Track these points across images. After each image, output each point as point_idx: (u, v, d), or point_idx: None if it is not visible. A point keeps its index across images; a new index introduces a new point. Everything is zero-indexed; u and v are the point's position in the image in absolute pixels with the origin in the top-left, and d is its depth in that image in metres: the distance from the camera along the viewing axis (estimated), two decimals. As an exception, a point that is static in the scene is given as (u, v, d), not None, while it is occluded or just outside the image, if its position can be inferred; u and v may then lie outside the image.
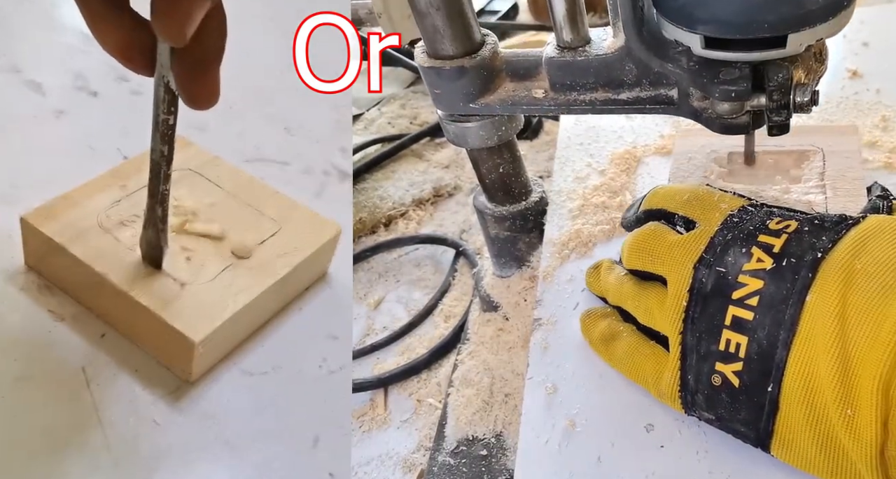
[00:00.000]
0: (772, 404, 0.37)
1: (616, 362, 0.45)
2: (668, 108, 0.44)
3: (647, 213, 0.46)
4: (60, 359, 0.43)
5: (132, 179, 0.48)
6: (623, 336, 0.44)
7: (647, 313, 0.43)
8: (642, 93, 0.44)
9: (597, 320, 0.46)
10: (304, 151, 0.60)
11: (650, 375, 0.42)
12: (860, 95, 0.60)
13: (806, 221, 0.39)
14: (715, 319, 0.38)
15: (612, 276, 0.46)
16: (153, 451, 0.40)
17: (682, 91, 0.43)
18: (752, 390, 0.37)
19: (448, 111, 0.50)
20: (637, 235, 0.44)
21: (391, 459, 0.53)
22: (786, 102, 0.39)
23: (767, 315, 0.37)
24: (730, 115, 0.41)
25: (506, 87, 0.48)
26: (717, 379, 0.38)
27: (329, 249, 0.49)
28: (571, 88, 0.46)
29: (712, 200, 0.43)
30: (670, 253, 0.41)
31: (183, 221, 0.46)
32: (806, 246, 0.37)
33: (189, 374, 0.43)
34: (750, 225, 0.40)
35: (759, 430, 0.37)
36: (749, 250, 0.38)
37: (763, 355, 0.37)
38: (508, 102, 0.48)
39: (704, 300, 0.39)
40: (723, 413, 0.39)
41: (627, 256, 0.44)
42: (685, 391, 0.40)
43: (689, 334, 0.39)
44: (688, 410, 0.41)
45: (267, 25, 0.74)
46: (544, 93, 0.47)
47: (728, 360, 0.38)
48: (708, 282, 0.39)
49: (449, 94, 0.48)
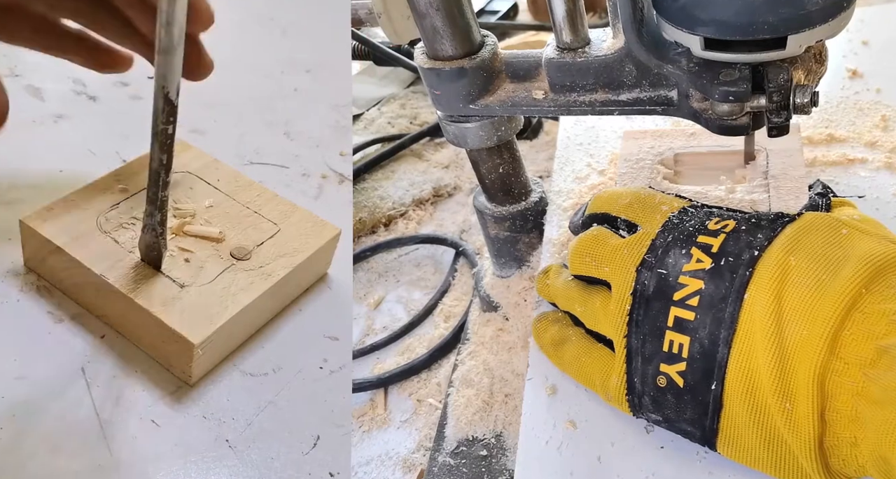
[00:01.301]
0: (716, 402, 0.37)
1: (565, 365, 0.45)
2: (667, 109, 0.44)
3: (590, 217, 0.46)
4: (60, 359, 0.43)
5: (132, 181, 0.48)
6: (572, 340, 0.45)
7: (593, 318, 0.43)
8: (642, 94, 0.45)
9: (547, 325, 0.47)
10: (304, 154, 0.60)
11: (597, 378, 0.42)
12: (860, 95, 0.60)
13: (743, 221, 0.39)
14: (658, 321, 0.39)
15: (559, 281, 0.46)
16: (153, 451, 0.40)
17: (681, 92, 0.43)
18: (697, 389, 0.37)
19: (448, 112, 0.50)
20: (580, 240, 0.44)
21: (391, 459, 0.53)
22: (786, 104, 0.39)
23: (708, 315, 0.37)
24: (729, 116, 0.41)
25: (505, 88, 0.48)
26: (663, 380, 0.39)
27: (328, 250, 0.49)
28: (571, 89, 0.46)
29: (653, 202, 0.43)
30: (613, 257, 0.42)
31: (182, 223, 0.46)
32: (743, 245, 0.38)
33: (189, 376, 0.43)
34: (690, 226, 0.40)
35: (705, 429, 0.38)
36: (689, 251, 0.39)
37: (705, 355, 0.37)
38: (508, 104, 0.48)
39: (647, 303, 0.39)
40: (669, 414, 0.39)
41: (571, 261, 0.45)
42: (632, 394, 0.40)
43: (633, 337, 0.40)
44: (635, 412, 0.41)
45: (267, 26, 0.74)
46: (544, 94, 0.47)
47: (672, 361, 0.38)
48: (650, 284, 0.39)
49: (448, 95, 0.48)
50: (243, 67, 0.68)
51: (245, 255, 0.46)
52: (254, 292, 0.44)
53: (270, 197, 0.50)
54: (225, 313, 0.42)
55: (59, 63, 0.48)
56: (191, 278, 0.44)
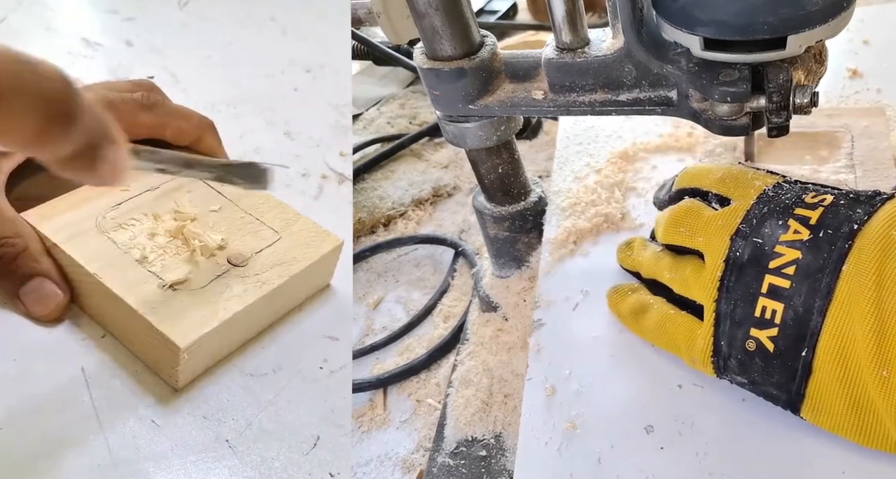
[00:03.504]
0: (805, 368, 0.38)
1: (647, 332, 0.46)
2: (667, 109, 0.44)
3: (679, 192, 0.47)
4: (60, 359, 0.43)
5: (133, 182, 0.48)
6: (654, 308, 0.46)
7: (683, 284, 0.44)
8: (641, 94, 0.45)
9: (625, 295, 0.48)
10: (304, 154, 0.60)
11: (682, 342, 0.43)
12: (860, 95, 0.60)
13: (841, 195, 0.40)
14: (751, 287, 0.40)
15: (647, 251, 0.48)
16: (153, 452, 0.40)
17: (681, 92, 0.43)
18: (786, 354, 0.39)
19: (447, 112, 0.50)
20: (674, 210, 0.45)
21: (390, 459, 0.53)
22: (785, 104, 0.39)
23: (804, 284, 0.38)
24: (729, 116, 0.41)
25: (505, 88, 0.48)
26: (752, 344, 0.40)
27: (330, 261, 0.49)
28: (571, 90, 0.46)
29: (746, 177, 0.44)
30: (706, 227, 0.43)
31: (181, 226, 0.46)
32: (842, 218, 0.39)
33: (175, 380, 0.42)
34: (786, 199, 0.41)
35: (791, 393, 0.39)
36: (786, 222, 0.40)
37: (798, 322, 0.38)
38: (507, 104, 0.48)
39: (740, 270, 0.40)
40: (755, 377, 0.40)
41: (664, 231, 0.46)
42: (717, 356, 0.41)
43: (723, 302, 0.41)
44: (719, 374, 0.42)
45: (267, 26, 0.74)
46: (543, 94, 0.47)
47: (763, 326, 0.39)
48: (744, 252, 0.40)
49: (448, 95, 0.48)
50: (243, 67, 0.68)
51: (242, 262, 0.45)
52: (246, 300, 0.43)
53: (275, 204, 0.50)
54: (214, 319, 0.42)
55: (60, 63, 0.48)
56: (185, 282, 0.43)
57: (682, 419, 0.42)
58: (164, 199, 0.48)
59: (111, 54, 0.66)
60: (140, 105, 0.49)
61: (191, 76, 0.66)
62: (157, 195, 0.48)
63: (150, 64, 0.66)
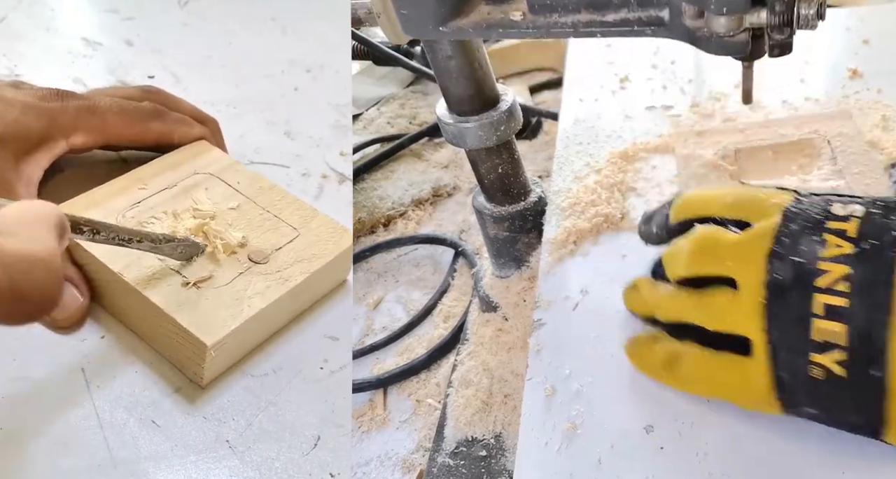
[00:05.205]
0: (880, 389, 0.36)
1: (689, 384, 0.43)
2: (658, 29, 0.40)
3: (683, 223, 0.44)
4: (60, 359, 0.43)
5: (153, 181, 0.49)
6: (689, 355, 0.42)
7: (718, 318, 0.40)
8: (630, 14, 0.41)
9: (650, 347, 0.44)
10: (304, 154, 0.60)
11: (736, 385, 0.40)
12: (860, 95, 0.60)
13: (868, 203, 0.38)
14: (800, 309, 0.37)
15: (660, 291, 0.44)
16: (153, 452, 0.40)
17: (673, 10, 0.39)
18: (859, 377, 0.36)
19: (416, 36, 0.46)
20: (693, 240, 0.42)
21: (390, 459, 0.53)
22: (789, 17, 0.36)
23: (864, 299, 0.36)
24: (727, 32, 0.37)
25: (480, 9, 0.44)
26: (817, 371, 0.37)
27: (348, 257, 0.49)
28: (552, 9, 0.42)
29: (759, 196, 0.42)
30: (735, 251, 0.40)
31: (201, 225, 0.46)
32: (881, 227, 0.37)
33: (201, 378, 0.42)
34: (814, 213, 0.39)
35: (873, 418, 0.36)
36: (821, 237, 0.38)
37: (865, 340, 0.36)
38: (483, 26, 0.44)
39: (783, 292, 0.38)
40: (828, 405, 0.38)
41: (688, 262, 0.42)
42: (782, 390, 0.38)
43: (773, 330, 0.38)
44: (788, 410, 0.39)
45: (267, 26, 0.74)
46: (522, 15, 0.43)
47: (825, 349, 0.36)
48: (786, 273, 0.38)
49: (417, 15, 0.44)
50: (243, 67, 0.68)
51: (263, 259, 0.46)
52: (269, 297, 0.44)
53: (291, 201, 0.50)
54: (240, 317, 0.42)
55: (60, 62, 0.48)
56: (207, 279, 0.44)
57: (682, 419, 0.42)
58: (182, 196, 0.49)
59: (111, 54, 0.66)
60: (151, 114, 0.51)
61: (191, 76, 0.66)
62: (174, 193, 0.49)
63: (150, 64, 0.66)
